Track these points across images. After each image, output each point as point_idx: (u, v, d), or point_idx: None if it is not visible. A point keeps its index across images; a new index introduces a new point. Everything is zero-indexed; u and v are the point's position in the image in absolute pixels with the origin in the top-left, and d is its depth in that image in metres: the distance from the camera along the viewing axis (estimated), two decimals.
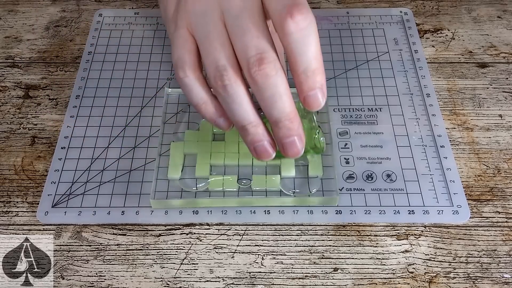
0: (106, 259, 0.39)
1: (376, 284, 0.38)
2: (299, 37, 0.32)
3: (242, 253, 0.40)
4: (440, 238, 0.40)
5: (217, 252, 0.40)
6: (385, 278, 0.38)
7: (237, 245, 0.40)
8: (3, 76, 0.52)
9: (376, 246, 0.40)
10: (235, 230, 0.41)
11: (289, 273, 0.39)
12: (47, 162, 0.45)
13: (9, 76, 0.52)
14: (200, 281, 0.38)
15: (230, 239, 0.40)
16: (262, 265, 0.39)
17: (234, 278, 0.38)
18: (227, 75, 0.32)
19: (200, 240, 0.40)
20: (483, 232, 0.41)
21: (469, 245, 0.40)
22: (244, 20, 0.33)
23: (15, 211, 0.42)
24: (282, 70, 0.32)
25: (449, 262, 0.39)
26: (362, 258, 0.39)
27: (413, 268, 0.39)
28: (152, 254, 0.40)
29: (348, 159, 0.45)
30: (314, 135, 0.42)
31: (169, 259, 0.39)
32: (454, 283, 0.38)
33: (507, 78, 0.51)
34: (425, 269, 0.39)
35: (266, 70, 0.31)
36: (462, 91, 0.50)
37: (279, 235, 0.41)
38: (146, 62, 0.53)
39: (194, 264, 0.39)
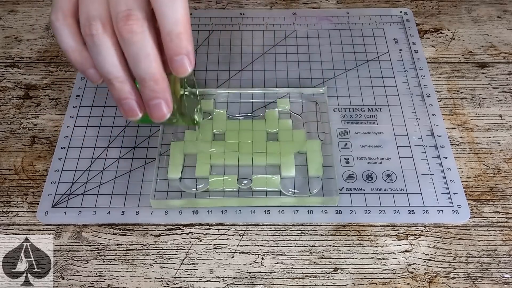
0: (106, 259, 0.39)
1: (376, 284, 0.38)
2: None
3: (242, 253, 0.40)
4: (440, 238, 0.40)
5: (217, 252, 0.40)
6: (385, 278, 0.38)
7: (237, 245, 0.40)
8: (3, 76, 0.52)
9: (376, 246, 0.40)
10: (235, 230, 0.41)
11: (289, 273, 0.39)
12: (47, 162, 0.45)
13: (9, 76, 0.52)
14: (200, 281, 0.38)
15: (230, 239, 0.40)
16: (262, 265, 0.39)
17: (234, 278, 0.38)
18: (95, 25, 0.32)
19: (200, 240, 0.40)
20: (483, 232, 0.41)
21: (469, 245, 0.40)
22: None
23: (15, 211, 0.42)
24: (150, 31, 0.33)
25: (449, 262, 0.39)
26: (362, 258, 0.39)
27: (413, 268, 0.39)
28: (152, 254, 0.40)
29: (348, 159, 0.45)
30: (195, 108, 0.40)
31: (169, 259, 0.39)
32: (454, 283, 0.38)
33: (507, 78, 0.51)
34: (425, 269, 0.39)
35: (133, 27, 0.32)
36: (462, 91, 0.50)
37: (279, 235, 0.41)
38: None
39: (194, 264, 0.39)
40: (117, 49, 0.33)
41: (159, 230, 0.41)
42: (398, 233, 0.41)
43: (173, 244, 0.40)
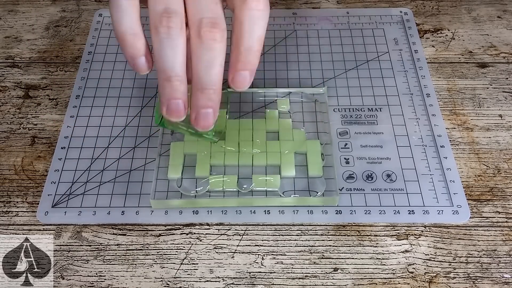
0: (106, 259, 0.39)
1: (376, 284, 0.38)
2: (255, 16, 0.33)
3: (242, 253, 0.40)
4: (440, 238, 0.40)
5: (217, 252, 0.40)
6: (385, 278, 0.38)
7: (237, 245, 0.40)
8: (3, 76, 0.52)
9: (376, 246, 0.40)
10: (235, 230, 0.41)
11: (289, 273, 0.39)
12: (47, 162, 0.45)
13: (9, 76, 0.52)
14: (200, 281, 0.38)
15: (230, 239, 0.40)
16: (262, 265, 0.39)
17: (234, 278, 0.38)
18: (175, 19, 0.32)
19: (200, 240, 0.40)
20: (483, 232, 0.41)
21: (469, 245, 0.40)
22: None
23: (15, 211, 0.42)
24: (226, 44, 0.33)
25: (449, 262, 0.39)
26: (362, 258, 0.39)
27: (413, 268, 0.39)
28: (152, 254, 0.40)
29: (348, 159, 0.45)
30: (225, 120, 0.41)
31: (169, 259, 0.39)
32: (454, 283, 0.38)
33: (507, 78, 0.51)
34: (425, 269, 0.39)
35: (216, 34, 0.32)
36: (462, 91, 0.50)
37: (279, 235, 0.41)
38: None
39: (194, 264, 0.39)
40: (186, 50, 0.33)
41: (159, 230, 0.41)
42: (398, 233, 0.41)
43: (173, 244, 0.40)
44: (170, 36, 0.32)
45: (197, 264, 0.39)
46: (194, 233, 0.41)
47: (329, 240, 0.40)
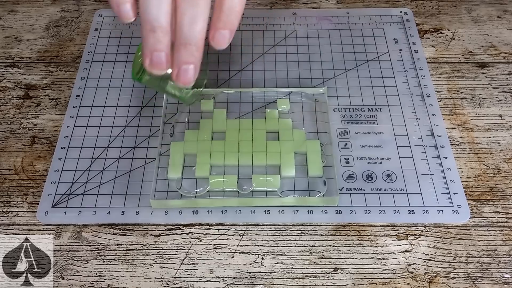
0: (106, 259, 0.39)
1: (376, 284, 0.38)
2: None
3: (242, 253, 0.40)
4: (440, 238, 0.40)
5: (217, 252, 0.40)
6: (385, 278, 0.38)
7: (237, 245, 0.40)
8: (3, 76, 0.52)
9: (376, 246, 0.40)
10: (235, 230, 0.41)
11: (289, 273, 0.39)
12: (47, 162, 0.45)
13: (9, 76, 0.52)
14: (200, 281, 0.38)
15: (230, 239, 0.40)
16: (262, 265, 0.39)
17: (234, 278, 0.38)
18: None
19: (200, 240, 0.40)
20: (483, 232, 0.41)
21: (469, 245, 0.40)
22: None
23: (15, 211, 0.42)
24: (209, 1, 0.33)
25: (449, 262, 0.39)
26: (362, 258, 0.39)
27: (413, 268, 0.39)
28: (152, 254, 0.40)
29: (348, 159, 0.45)
30: (204, 81, 0.40)
31: (169, 259, 0.39)
32: (454, 283, 0.38)
33: (507, 78, 0.51)
34: (425, 269, 0.39)
35: None
36: (462, 91, 0.50)
37: (279, 235, 0.41)
38: None
39: (194, 264, 0.39)
40: (173, 1, 0.32)
41: (159, 230, 0.41)
42: (398, 233, 0.41)
43: (173, 244, 0.40)
44: None
45: (197, 264, 0.39)
46: (194, 233, 0.41)
47: (329, 240, 0.40)
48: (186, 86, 0.35)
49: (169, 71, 0.34)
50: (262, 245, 0.40)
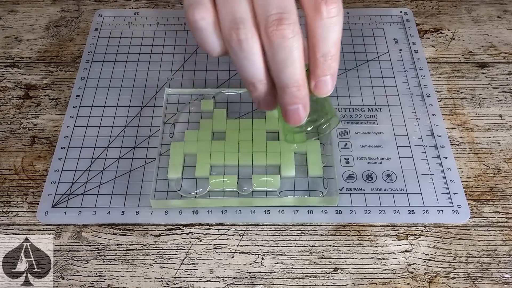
0: (106, 259, 0.39)
1: (376, 284, 0.38)
2: (328, 23, 0.32)
3: (242, 253, 0.40)
4: (440, 238, 0.40)
5: (217, 252, 0.40)
6: (385, 278, 0.38)
7: (237, 245, 0.40)
8: (3, 76, 0.52)
9: (376, 246, 0.40)
10: (235, 230, 0.41)
11: (289, 273, 0.39)
12: (47, 162, 0.45)
13: (9, 76, 0.52)
14: (200, 281, 0.38)
15: (230, 239, 0.40)
16: (262, 265, 0.39)
17: (234, 278, 0.38)
18: (244, 30, 0.31)
19: (200, 240, 0.40)
20: (483, 232, 0.41)
21: (469, 245, 0.40)
22: None
23: (15, 211, 0.42)
24: (300, 35, 0.32)
25: (449, 262, 0.39)
26: (362, 258, 0.39)
27: (413, 268, 0.39)
28: (152, 254, 0.40)
29: (348, 159, 0.45)
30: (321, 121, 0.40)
31: (169, 259, 0.39)
32: (454, 283, 0.38)
33: (507, 78, 0.51)
34: (425, 269, 0.39)
35: (284, 32, 0.31)
36: (462, 91, 0.50)
37: (279, 235, 0.41)
38: (146, 62, 0.53)
39: (194, 264, 0.39)
40: (263, 52, 0.32)
41: (159, 230, 0.41)
42: (398, 233, 0.41)
43: (173, 244, 0.40)
44: (242, 49, 0.32)
45: (197, 264, 0.39)
46: (194, 233, 0.41)
47: (329, 240, 0.40)
48: (298, 124, 0.35)
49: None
50: (262, 245, 0.40)
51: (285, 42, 0.31)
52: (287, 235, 0.41)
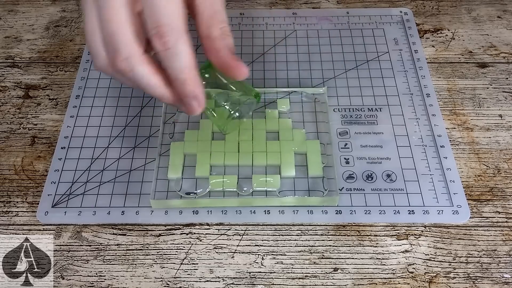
0: (106, 259, 0.39)
1: (376, 284, 0.38)
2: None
3: (242, 253, 0.40)
4: (440, 238, 0.40)
5: (217, 252, 0.40)
6: (385, 278, 0.38)
7: (237, 245, 0.40)
8: (3, 76, 0.52)
9: (376, 246, 0.40)
10: (235, 230, 0.41)
11: (289, 273, 0.39)
12: (47, 162, 0.45)
13: (9, 76, 0.52)
14: (200, 281, 0.38)
15: (230, 239, 0.40)
16: (262, 265, 0.39)
17: (234, 278, 0.38)
18: (124, 54, 0.32)
19: (200, 240, 0.40)
20: (483, 232, 0.41)
21: (469, 245, 0.40)
22: None
23: (15, 211, 0.42)
24: (185, 39, 0.32)
25: (449, 262, 0.39)
26: (362, 258, 0.39)
27: (413, 268, 0.39)
28: (152, 254, 0.40)
29: (348, 159, 0.45)
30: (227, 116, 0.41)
31: (169, 259, 0.39)
32: (454, 283, 0.38)
33: (507, 78, 0.51)
34: (425, 269, 0.39)
35: (168, 43, 0.32)
36: (462, 91, 0.50)
37: (279, 235, 0.41)
38: None
39: (194, 264, 0.39)
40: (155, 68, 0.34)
41: (159, 230, 0.41)
42: (398, 233, 0.41)
43: (173, 244, 0.40)
44: (135, 72, 0.33)
45: (197, 264, 0.39)
46: (194, 233, 0.41)
47: (329, 240, 0.40)
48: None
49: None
50: (262, 245, 0.40)
51: (168, 52, 0.32)
52: (287, 235, 0.41)
